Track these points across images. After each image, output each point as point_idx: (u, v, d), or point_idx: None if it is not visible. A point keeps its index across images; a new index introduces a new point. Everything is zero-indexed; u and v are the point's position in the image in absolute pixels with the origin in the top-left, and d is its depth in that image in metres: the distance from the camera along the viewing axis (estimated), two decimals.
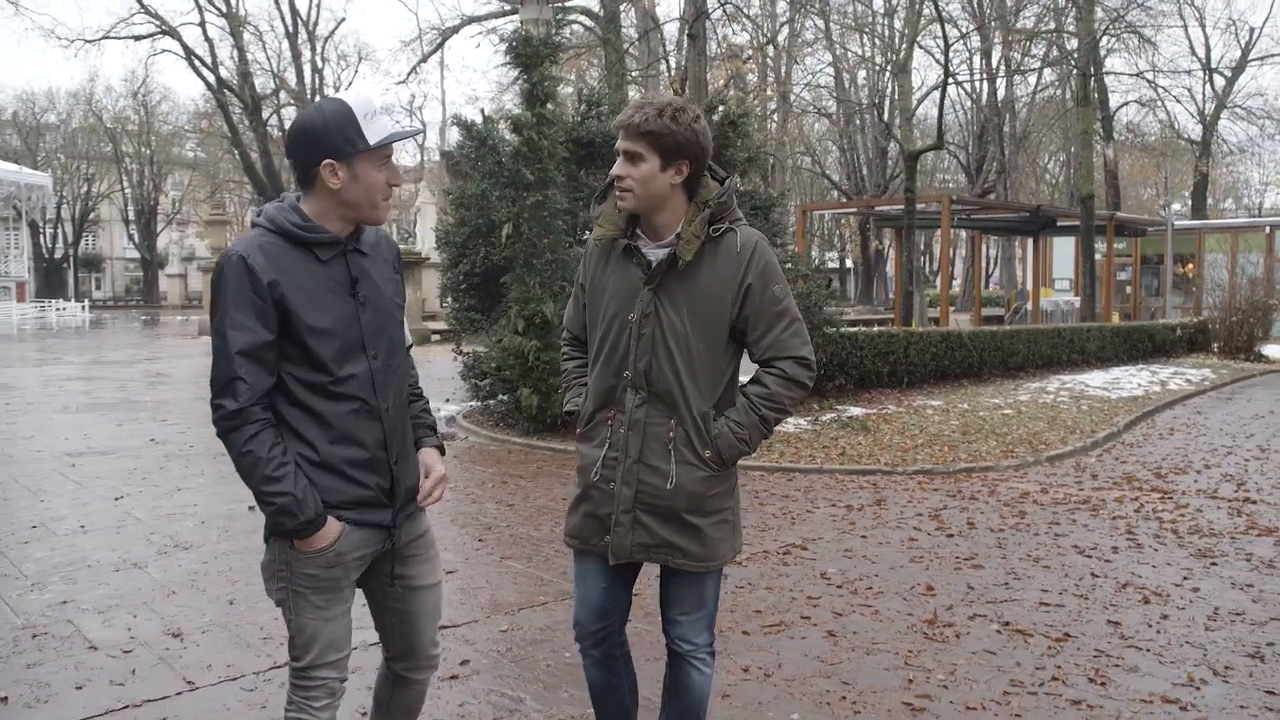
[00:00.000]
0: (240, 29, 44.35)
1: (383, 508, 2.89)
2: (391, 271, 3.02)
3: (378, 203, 2.85)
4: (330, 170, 2.76)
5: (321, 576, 2.84)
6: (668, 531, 3.12)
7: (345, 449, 2.81)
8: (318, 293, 2.78)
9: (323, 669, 2.91)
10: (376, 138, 2.77)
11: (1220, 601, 5.93)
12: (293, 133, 2.84)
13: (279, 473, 2.69)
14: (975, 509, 8.38)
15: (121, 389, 17.08)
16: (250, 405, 2.68)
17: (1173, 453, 11.38)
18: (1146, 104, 46.09)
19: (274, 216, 2.82)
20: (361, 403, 2.83)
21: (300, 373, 2.77)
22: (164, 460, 10.31)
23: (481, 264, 12.78)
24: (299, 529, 2.74)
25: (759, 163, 14.97)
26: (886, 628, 5.42)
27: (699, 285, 3.06)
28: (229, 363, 2.68)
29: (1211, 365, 22.20)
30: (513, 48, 11.90)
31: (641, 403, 3.12)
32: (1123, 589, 6.16)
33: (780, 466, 10.04)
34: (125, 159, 73.38)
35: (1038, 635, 5.30)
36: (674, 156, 3.00)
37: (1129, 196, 58.92)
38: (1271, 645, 5.19)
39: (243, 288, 2.69)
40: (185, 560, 6.66)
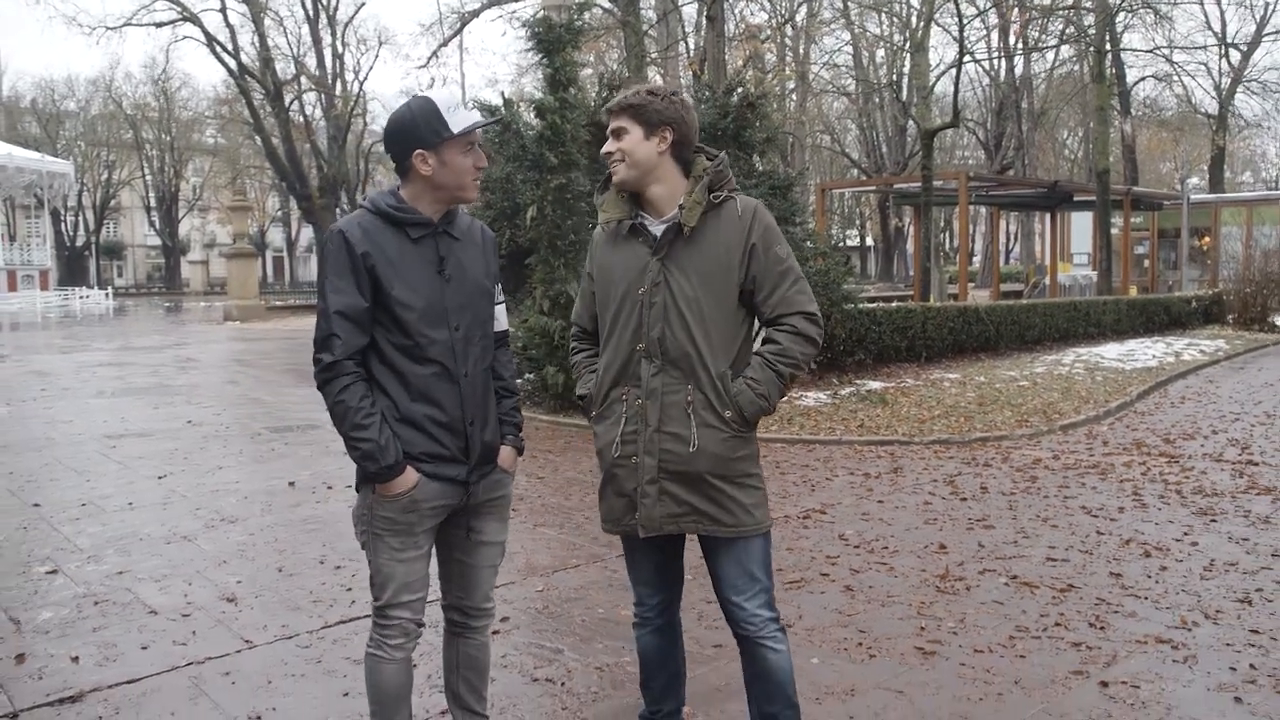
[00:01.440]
0: (261, 15, 44.62)
1: (458, 463, 3.18)
2: (482, 255, 3.32)
3: (466, 184, 3.18)
4: (421, 159, 3.11)
5: (398, 520, 3.13)
6: (694, 498, 3.20)
7: (424, 407, 3.12)
8: (405, 266, 3.11)
9: (398, 609, 3.20)
10: (460, 127, 3.10)
11: (1216, 554, 6.22)
12: (388, 129, 3.19)
13: (366, 421, 3.03)
14: (989, 475, 8.67)
15: (154, 374, 17.46)
16: (344, 359, 3.04)
17: (1182, 420, 11.64)
18: (1163, 79, 46.03)
19: (375, 199, 3.20)
20: (441, 367, 3.13)
21: (390, 337, 3.10)
22: (202, 441, 10.65)
23: (507, 245, 13.07)
24: (380, 473, 3.06)
25: (777, 143, 15.22)
26: (901, 582, 5.73)
27: (705, 250, 3.20)
28: (327, 321, 3.06)
29: (1226, 336, 22.38)
30: (535, 33, 12.19)
31: (657, 371, 3.21)
32: (1126, 545, 6.45)
33: (800, 438, 10.33)
34: (146, 145, 73.82)
35: (1043, 587, 5.60)
36: (655, 125, 3.19)
37: (1147, 171, 58.79)
38: (1260, 591, 5.50)
39: (341, 258, 3.06)
40: (232, 533, 7.00)
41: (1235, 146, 62.23)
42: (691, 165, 3.29)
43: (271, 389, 15.16)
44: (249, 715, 4.10)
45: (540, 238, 11.90)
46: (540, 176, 11.92)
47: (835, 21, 40.51)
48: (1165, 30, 40.99)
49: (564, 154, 11.80)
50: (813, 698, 4.08)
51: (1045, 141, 51.63)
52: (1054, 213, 34.86)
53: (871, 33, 43.00)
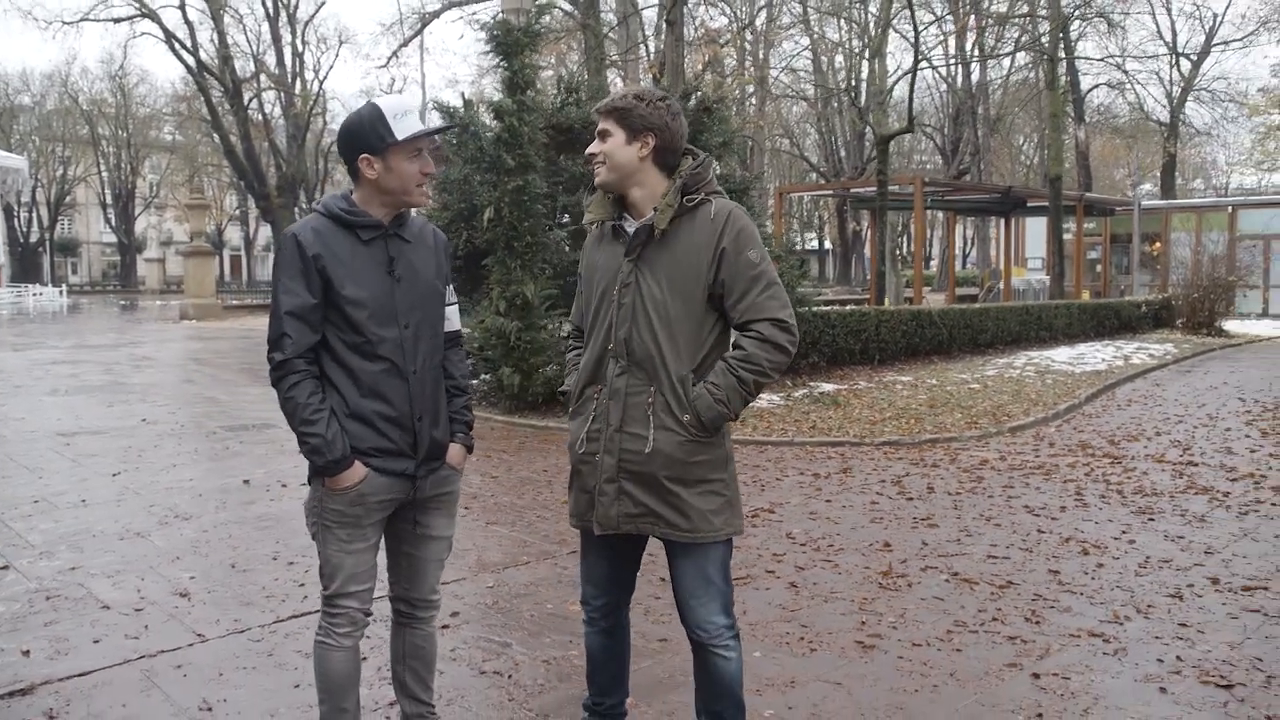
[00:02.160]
0: (220, 12, 44.34)
1: (405, 458, 3.29)
2: (434, 256, 3.43)
3: (411, 189, 3.28)
4: (367, 163, 3.23)
5: (346, 512, 3.25)
6: (651, 500, 3.22)
7: (374, 403, 3.23)
8: (356, 267, 3.22)
9: (345, 598, 3.32)
10: (405, 134, 3.20)
11: (1152, 551, 6.40)
12: (339, 133, 3.35)
13: (314, 417, 3.16)
14: (936, 475, 8.83)
15: (108, 372, 17.35)
16: (294, 358, 3.17)
17: (1128, 422, 11.86)
18: (1116, 87, 46.70)
19: (327, 203, 3.32)
20: (391, 364, 3.24)
21: (342, 335, 3.22)
22: (157, 439, 10.64)
23: (464, 247, 13.12)
24: (327, 467, 3.18)
25: (734, 146, 15.34)
26: (844, 579, 5.86)
27: (676, 253, 3.22)
28: (279, 321, 3.17)
29: (1174, 340, 22.75)
30: (494, 36, 12.26)
31: (621, 371, 3.25)
32: (1065, 542, 6.62)
33: (752, 439, 10.45)
34: (102, 142, 72.96)
35: (983, 583, 5.75)
36: (638, 130, 3.22)
37: (1102, 177, 59.42)
38: (1191, 586, 5.68)
39: (293, 260, 3.18)
40: (186, 529, 7.02)
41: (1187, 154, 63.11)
42: (675, 169, 3.31)
43: (227, 388, 15.13)
44: (200, 706, 4.16)
45: (497, 239, 11.96)
46: (497, 178, 11.98)
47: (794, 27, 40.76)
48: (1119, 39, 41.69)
49: (521, 156, 11.87)
50: (754, 690, 4.17)
51: (1002, 147, 52.13)
52: (1008, 218, 35.24)
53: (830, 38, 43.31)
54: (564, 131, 13.31)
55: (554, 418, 11.68)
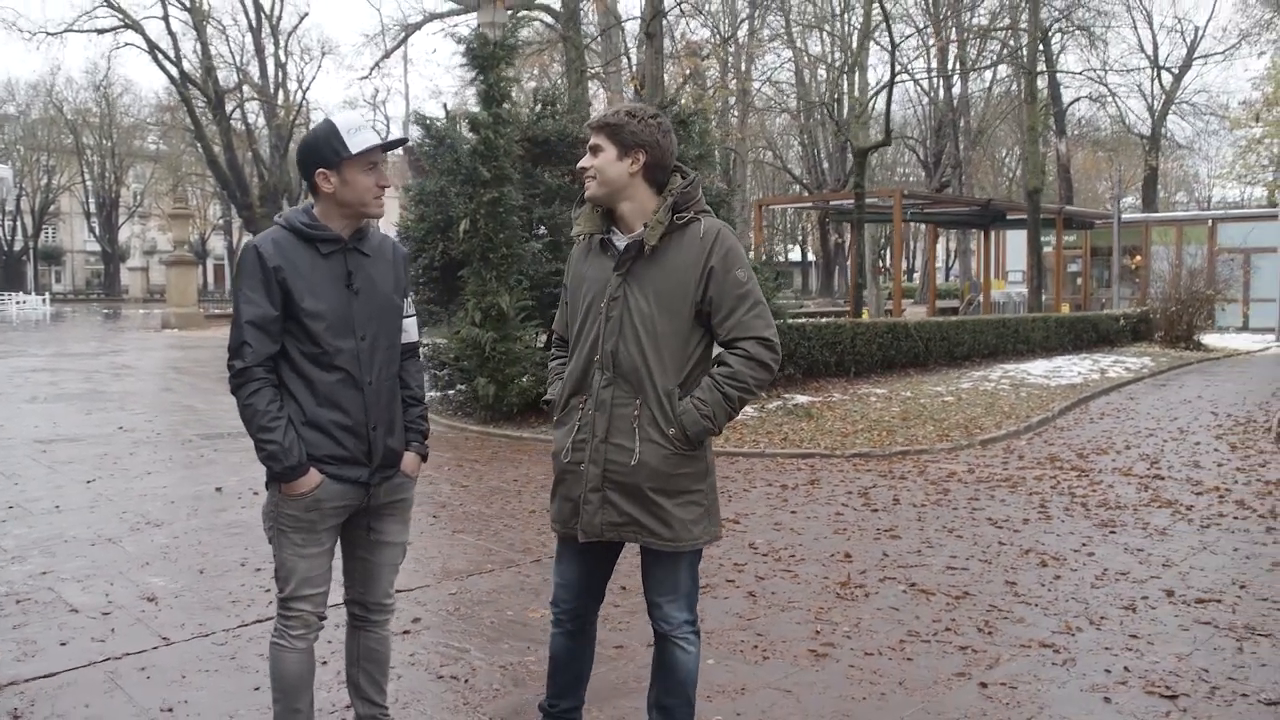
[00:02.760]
0: (204, 23, 44.25)
1: (360, 466, 3.38)
2: (392, 270, 3.53)
3: (368, 201, 3.39)
4: (323, 177, 3.33)
5: (300, 518, 3.34)
6: (634, 509, 3.30)
7: (330, 412, 3.32)
8: (315, 280, 3.31)
9: (299, 601, 3.41)
10: (359, 148, 3.31)
11: (1110, 564, 6.50)
12: (298, 150, 3.45)
13: (271, 424, 3.25)
14: (903, 487, 8.93)
15: (88, 380, 17.38)
16: (253, 366, 3.25)
17: (1099, 435, 11.98)
18: (1097, 100, 47.00)
19: (288, 216, 3.41)
20: (347, 374, 3.34)
21: (300, 345, 3.31)
22: (133, 447, 10.69)
23: (440, 258, 13.21)
24: (283, 473, 3.27)
25: (710, 159, 15.44)
26: (803, 589, 5.95)
27: (664, 269, 3.30)
28: (239, 330, 3.26)
29: (1152, 354, 22.90)
30: (470, 50, 12.37)
31: (608, 383, 3.33)
32: (1025, 554, 6.72)
33: (724, 451, 10.53)
34: (86, 151, 72.85)
35: (939, 594, 5.85)
36: (629, 146, 3.29)
37: (1084, 190, 59.79)
38: (1145, 599, 5.77)
39: (254, 271, 3.27)
40: (157, 536, 7.10)
41: (1169, 167, 63.52)
42: (665, 186, 3.38)
43: (205, 396, 15.16)
44: (161, 708, 4.24)
45: (473, 250, 12.04)
46: (473, 190, 12.07)
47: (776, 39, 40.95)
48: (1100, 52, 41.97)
49: (497, 168, 11.96)
50: (705, 696, 4.26)
51: (984, 160, 52.38)
52: (988, 230, 35.44)
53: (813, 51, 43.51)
54: (540, 144, 13.41)
55: (529, 428, 11.76)
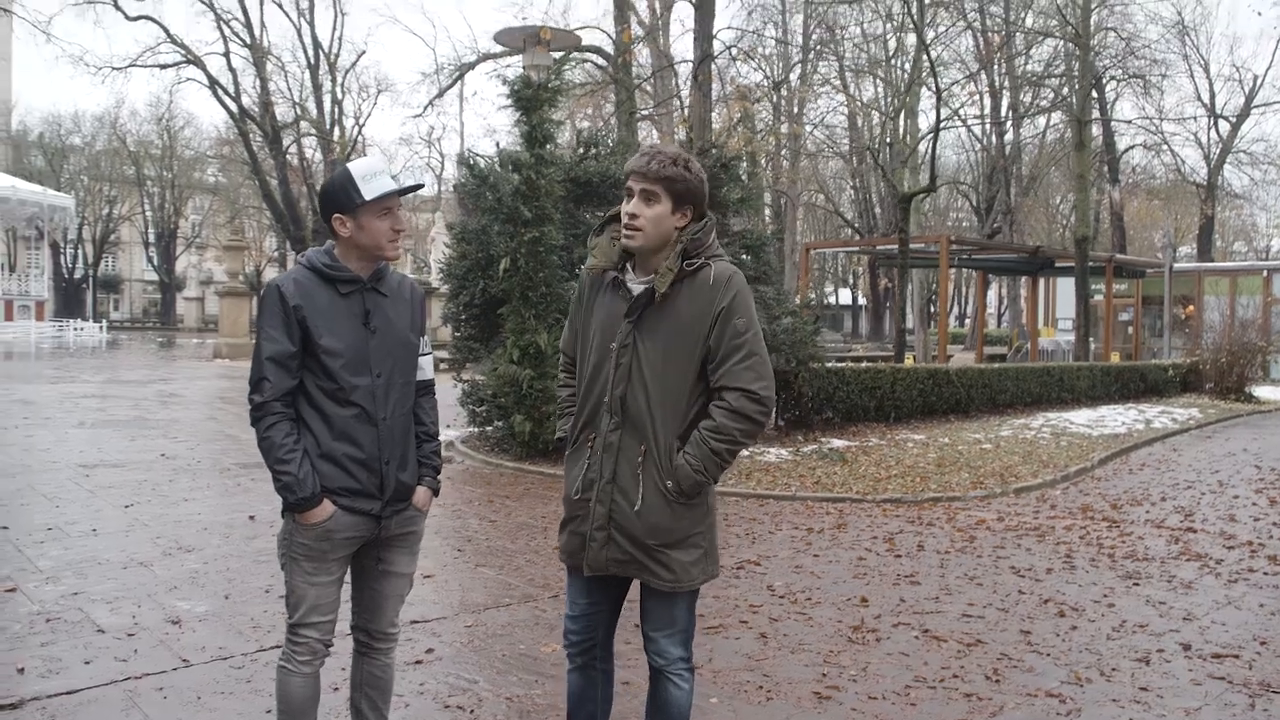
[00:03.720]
0: (263, 60, 45.15)
1: (372, 499, 3.51)
2: (409, 310, 3.66)
3: (383, 245, 3.52)
4: (339, 222, 3.49)
5: (312, 546, 3.48)
6: (636, 551, 3.36)
7: (344, 446, 3.45)
8: (334, 319, 3.46)
9: (307, 628, 3.53)
10: (372, 195, 3.44)
11: (1130, 616, 6.49)
12: (318, 195, 3.63)
13: (287, 456, 3.38)
14: (929, 534, 8.94)
15: (135, 407, 17.71)
16: (272, 400, 3.40)
17: (1135, 487, 11.91)
18: (1152, 148, 46.62)
19: (311, 257, 3.55)
20: (362, 410, 3.47)
21: (318, 381, 3.45)
22: (173, 474, 10.91)
23: (480, 296, 13.40)
24: (297, 504, 3.41)
25: (753, 202, 15.56)
26: (815, 632, 6.00)
27: (675, 318, 3.31)
28: (260, 365, 3.41)
29: (1200, 405, 22.65)
30: (514, 92, 12.58)
31: (615, 427, 3.37)
32: (1043, 604, 6.72)
33: (755, 493, 10.58)
34: (147, 182, 74.30)
35: (951, 641, 5.87)
36: (683, 202, 3.32)
37: (1138, 239, 59.29)
38: (1161, 651, 5.76)
39: (275, 309, 3.42)
40: (188, 561, 7.26)
41: (1228, 216, 62.91)
42: None
43: (247, 426, 15.13)
44: None
45: (513, 289, 12.21)
46: (515, 230, 12.25)
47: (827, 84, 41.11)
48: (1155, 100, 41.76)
49: (538, 208, 12.14)
50: None
51: (1036, 206, 52.12)
52: (1036, 278, 35.28)
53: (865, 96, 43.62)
54: (582, 185, 13.60)
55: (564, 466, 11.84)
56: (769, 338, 13.05)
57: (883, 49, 38.08)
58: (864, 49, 36.34)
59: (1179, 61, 42.54)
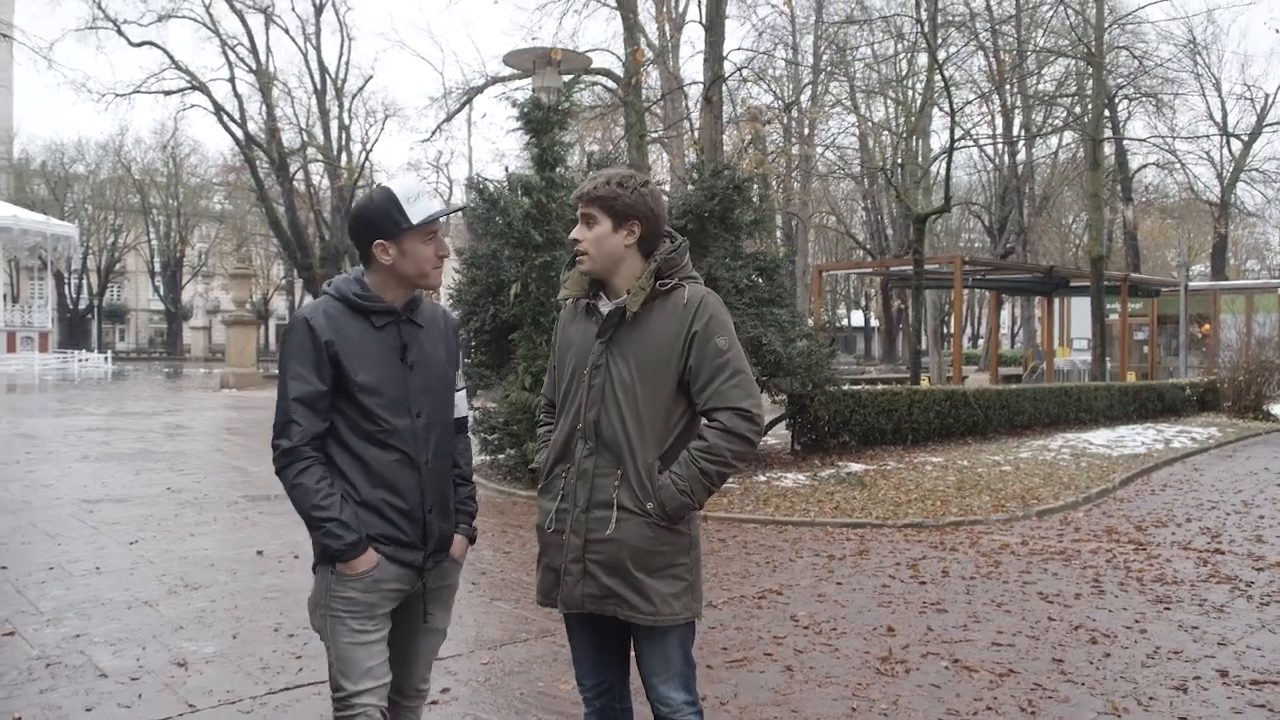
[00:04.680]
0: (269, 85, 45.35)
1: (415, 549, 3.25)
2: (444, 341, 3.42)
3: (428, 272, 3.28)
4: (381, 249, 3.22)
5: (359, 600, 3.16)
6: (613, 582, 3.24)
7: (385, 494, 3.19)
8: (369, 354, 3.20)
9: (362, 696, 3.18)
10: (419, 218, 3.21)
11: (1163, 642, 6.34)
12: (351, 219, 3.33)
13: (325, 501, 3.10)
14: (953, 559, 8.79)
15: (140, 439, 17.63)
16: (301, 445, 3.12)
17: (1159, 508, 11.75)
18: (1164, 167, 46.53)
19: (340, 286, 3.29)
20: (404, 455, 3.21)
21: (352, 423, 3.19)
22: (179, 508, 10.80)
23: (491, 321, 13.29)
24: (345, 550, 3.11)
25: (765, 224, 15.44)
26: (842, 664, 5.85)
27: (647, 337, 3.26)
28: (286, 408, 3.14)
29: (1219, 424, 22.47)
30: (524, 114, 12.53)
31: (590, 453, 3.29)
32: (1074, 631, 6.57)
33: (773, 519, 10.44)
34: (152, 210, 74.53)
35: (983, 671, 5.72)
36: (624, 218, 3.27)
37: (1151, 257, 59.16)
38: (1198, 679, 5.61)
39: (304, 345, 3.16)
40: (194, 599, 7.13)
41: (1240, 234, 62.78)
42: (654, 252, 3.35)
43: (256, 458, 15.29)
44: None
45: (524, 314, 12.12)
46: (525, 254, 12.17)
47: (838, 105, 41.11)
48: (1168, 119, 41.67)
49: (549, 232, 12.06)
50: None
51: (1049, 226, 52.03)
52: (1050, 298, 35.16)
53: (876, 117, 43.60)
54: None
55: None
56: (784, 361, 12.94)
57: (894, 69, 38.08)
58: (875, 69, 36.30)
59: (1190, 80, 42.40)
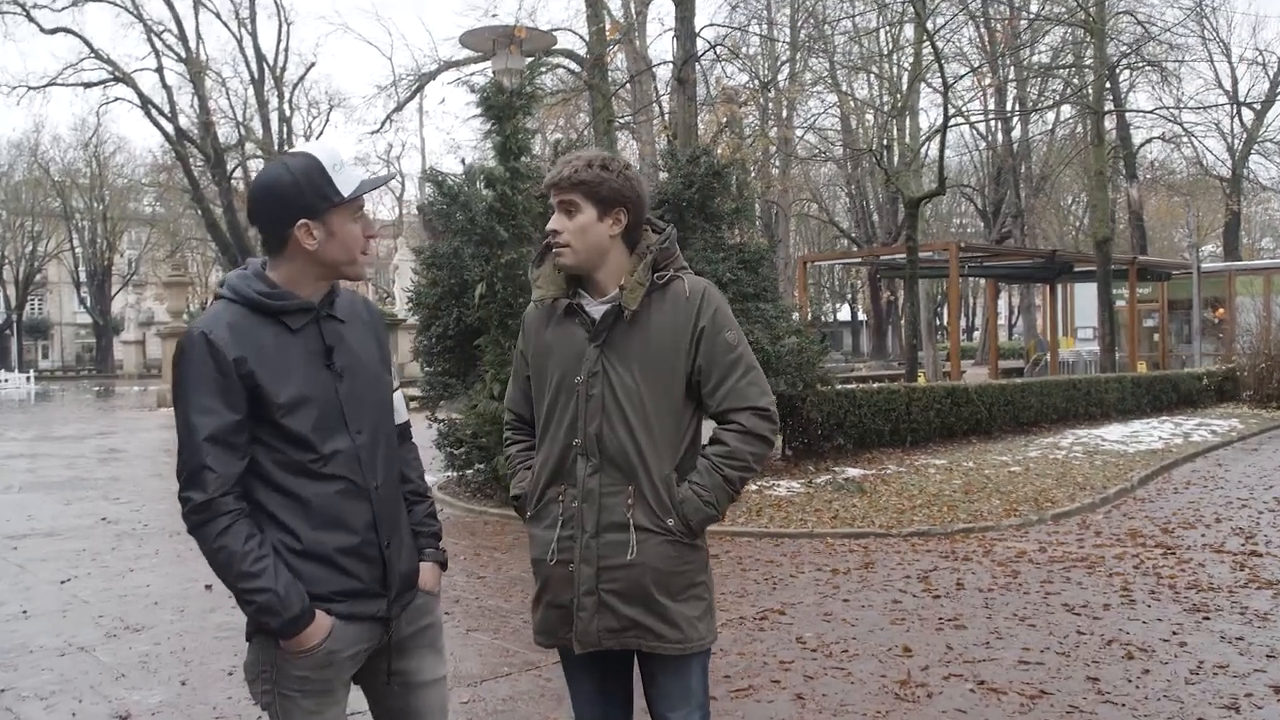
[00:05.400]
0: (201, 75, 44.91)
1: (376, 598, 2.87)
2: (372, 335, 3.03)
3: (357, 258, 2.89)
4: (306, 230, 2.78)
5: (312, 678, 2.79)
6: (635, 611, 3.09)
7: (332, 535, 2.78)
8: (290, 365, 2.78)
9: None
10: (349, 189, 2.81)
11: (1206, 655, 6.25)
12: (257, 194, 2.85)
13: (256, 568, 2.67)
14: (967, 570, 8.70)
15: (70, 466, 17.40)
16: (221, 495, 2.67)
17: (1184, 507, 11.72)
18: (1171, 140, 46.76)
19: (237, 286, 2.83)
20: (348, 482, 2.81)
21: (278, 455, 2.76)
22: (115, 540, 10.61)
23: (455, 326, 13.14)
24: (284, 628, 2.70)
25: (747, 213, 15.34)
26: (857, 689, 5.75)
27: (648, 337, 3.10)
28: (195, 451, 2.68)
29: (1240, 415, 22.56)
30: (485, 99, 12.36)
31: (594, 471, 3.11)
32: (1107, 645, 6.48)
33: (768, 531, 10.34)
34: (76, 215, 73.79)
35: (1012, 693, 5.62)
36: (610, 205, 3.10)
37: (1159, 239, 59.53)
38: (1250, 696, 5.52)
39: (205, 368, 2.69)
40: (136, 642, 6.96)
41: (1254, 210, 63.17)
42: (638, 243, 3.21)
43: None
44: None
45: (490, 317, 11.97)
46: (490, 251, 12.02)
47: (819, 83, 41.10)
48: (1174, 89, 41.90)
49: (515, 227, 11.92)
50: None
51: (1048, 208, 52.23)
52: (1053, 284, 35.22)
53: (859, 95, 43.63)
54: None
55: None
56: (772, 359, 12.84)
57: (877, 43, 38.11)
58: (857, 42, 36.29)
59: (1198, 46, 42.67)
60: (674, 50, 20.54)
